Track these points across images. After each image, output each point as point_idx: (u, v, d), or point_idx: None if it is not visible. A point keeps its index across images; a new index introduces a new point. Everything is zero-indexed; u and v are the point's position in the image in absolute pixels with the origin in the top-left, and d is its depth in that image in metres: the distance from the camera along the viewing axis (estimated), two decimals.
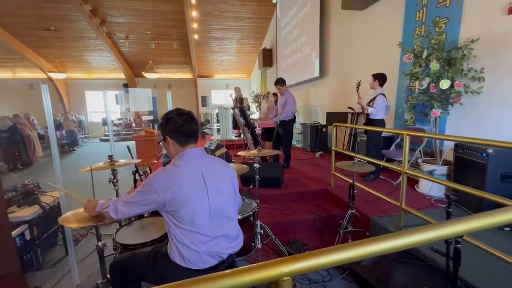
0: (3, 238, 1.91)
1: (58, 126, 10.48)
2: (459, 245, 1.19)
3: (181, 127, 1.30)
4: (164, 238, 1.65)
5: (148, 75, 12.33)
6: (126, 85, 13.12)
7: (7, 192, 2.50)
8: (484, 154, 2.36)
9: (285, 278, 0.54)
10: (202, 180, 1.28)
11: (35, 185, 2.81)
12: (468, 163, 2.56)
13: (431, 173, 2.99)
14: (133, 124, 13.56)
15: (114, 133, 12.79)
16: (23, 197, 2.57)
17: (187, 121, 1.31)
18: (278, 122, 4.43)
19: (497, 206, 1.49)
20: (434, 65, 2.77)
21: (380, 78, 3.53)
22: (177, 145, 1.33)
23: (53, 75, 11.86)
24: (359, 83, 3.74)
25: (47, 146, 10.14)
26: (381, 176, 3.75)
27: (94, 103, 14.02)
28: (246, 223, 2.22)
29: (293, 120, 4.44)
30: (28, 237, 2.43)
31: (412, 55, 3.07)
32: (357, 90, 3.70)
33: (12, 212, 2.39)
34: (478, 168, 2.43)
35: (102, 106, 13.63)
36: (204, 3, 9.11)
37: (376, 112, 3.44)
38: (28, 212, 2.45)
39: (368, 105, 3.52)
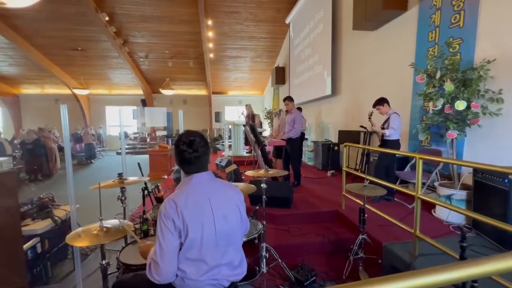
0: (14, 252, 1.96)
1: (78, 139, 10.97)
2: (476, 284, 1.09)
3: (182, 156, 1.27)
4: None
5: (165, 92, 12.80)
6: (143, 101, 13.66)
7: (23, 205, 2.60)
8: (506, 180, 2.22)
9: None
10: (209, 207, 1.27)
11: (50, 199, 2.90)
12: (489, 188, 2.41)
13: (449, 197, 2.83)
14: (148, 139, 13.96)
15: (130, 146, 13.20)
16: (38, 211, 2.65)
17: (188, 150, 1.25)
18: (287, 140, 4.43)
19: None
20: (449, 86, 2.70)
21: (385, 101, 3.51)
22: (183, 171, 1.36)
23: (77, 91, 12.58)
24: (371, 113, 3.73)
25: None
26: (395, 199, 3.60)
27: (113, 117, 14.66)
28: (251, 246, 2.16)
29: (300, 137, 4.44)
30: (39, 250, 2.49)
31: (425, 75, 3.02)
32: (369, 120, 3.69)
33: (26, 225, 2.47)
34: (499, 195, 2.28)
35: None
36: (220, 24, 9.52)
37: (394, 132, 3.37)
38: (41, 225, 2.51)
39: (383, 128, 3.46)
